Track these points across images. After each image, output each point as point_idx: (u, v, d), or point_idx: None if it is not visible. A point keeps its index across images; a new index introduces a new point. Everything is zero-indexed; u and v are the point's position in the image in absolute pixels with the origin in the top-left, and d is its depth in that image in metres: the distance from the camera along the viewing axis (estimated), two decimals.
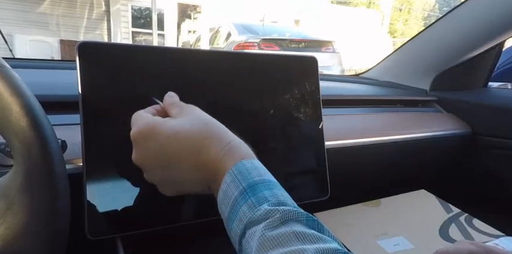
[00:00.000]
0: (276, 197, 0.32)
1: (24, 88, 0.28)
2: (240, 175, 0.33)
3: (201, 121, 0.37)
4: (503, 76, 1.26)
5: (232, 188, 0.32)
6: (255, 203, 0.31)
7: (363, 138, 0.73)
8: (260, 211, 0.30)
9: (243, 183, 0.32)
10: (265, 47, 4.96)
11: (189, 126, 0.36)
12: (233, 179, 0.33)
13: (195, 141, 0.35)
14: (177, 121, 0.37)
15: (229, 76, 0.50)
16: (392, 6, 15.14)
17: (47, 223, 0.27)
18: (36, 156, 0.26)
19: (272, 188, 0.33)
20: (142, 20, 8.76)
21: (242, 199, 0.31)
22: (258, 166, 0.35)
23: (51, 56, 6.97)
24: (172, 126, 0.36)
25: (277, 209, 0.30)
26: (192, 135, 0.36)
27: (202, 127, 0.37)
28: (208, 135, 0.36)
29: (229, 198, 0.32)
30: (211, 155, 0.35)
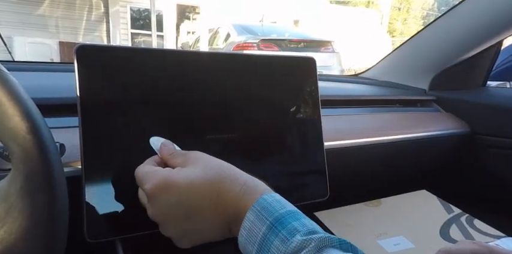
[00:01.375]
0: (305, 226, 0.31)
1: (21, 92, 0.28)
2: (264, 211, 0.32)
3: (213, 167, 0.37)
4: (502, 75, 1.26)
5: (258, 225, 0.32)
6: (287, 235, 0.30)
7: (362, 138, 0.73)
8: (294, 243, 0.30)
9: (269, 217, 0.32)
10: (265, 48, 4.96)
11: (202, 173, 0.36)
12: (257, 215, 0.32)
13: (212, 187, 0.35)
14: (190, 170, 0.37)
15: (228, 78, 0.50)
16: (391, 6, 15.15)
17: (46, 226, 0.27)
18: (34, 159, 0.26)
19: (299, 218, 0.32)
20: (142, 21, 8.76)
21: (272, 234, 0.31)
22: (279, 199, 0.34)
23: (51, 57, 6.97)
24: (186, 176, 0.36)
25: (311, 239, 0.30)
26: (207, 181, 0.35)
27: (216, 172, 0.36)
28: (224, 179, 0.36)
29: (255, 236, 0.32)
30: (230, 197, 0.34)
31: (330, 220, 0.72)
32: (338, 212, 0.76)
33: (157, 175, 0.36)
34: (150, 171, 0.37)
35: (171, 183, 0.35)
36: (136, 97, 0.44)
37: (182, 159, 0.39)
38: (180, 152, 0.41)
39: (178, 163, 0.38)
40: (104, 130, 0.42)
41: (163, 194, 0.35)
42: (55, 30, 7.69)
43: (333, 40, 5.49)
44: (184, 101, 0.47)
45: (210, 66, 0.49)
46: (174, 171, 0.37)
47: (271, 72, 0.54)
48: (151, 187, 0.35)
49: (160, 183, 0.35)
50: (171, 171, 0.37)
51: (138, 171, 0.38)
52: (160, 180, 0.35)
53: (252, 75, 0.52)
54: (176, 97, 0.46)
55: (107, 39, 8.27)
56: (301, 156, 0.56)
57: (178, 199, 0.35)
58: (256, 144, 0.52)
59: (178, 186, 0.35)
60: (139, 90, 0.44)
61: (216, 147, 0.49)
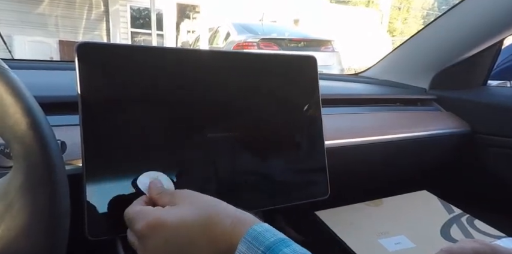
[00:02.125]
0: (296, 252, 0.31)
1: (23, 89, 0.28)
2: (255, 240, 0.32)
3: (203, 204, 0.37)
4: (502, 74, 1.26)
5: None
6: None
7: (362, 137, 0.73)
8: None
9: (260, 247, 0.32)
10: (265, 47, 4.96)
11: (193, 210, 0.36)
12: (248, 246, 0.32)
13: (203, 223, 0.35)
14: (180, 208, 0.37)
15: (229, 76, 0.50)
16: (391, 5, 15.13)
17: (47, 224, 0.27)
18: (35, 157, 0.26)
19: (289, 244, 0.32)
20: (141, 20, 8.75)
21: None
22: (269, 228, 0.34)
23: (50, 56, 6.96)
24: (177, 214, 0.36)
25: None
26: (199, 218, 0.35)
27: (206, 208, 0.36)
28: (214, 215, 0.36)
29: None
30: (221, 232, 0.34)
31: (331, 219, 0.72)
32: (339, 211, 0.76)
33: (149, 215, 0.36)
34: (141, 210, 0.37)
35: (163, 221, 0.35)
36: (137, 95, 0.44)
37: (171, 197, 0.39)
38: (169, 191, 0.41)
39: (167, 202, 0.39)
40: (104, 128, 0.42)
41: (156, 233, 0.35)
42: (55, 28, 7.67)
43: (333, 39, 5.49)
44: (185, 99, 0.47)
45: (210, 65, 0.49)
46: (164, 209, 0.37)
47: (272, 70, 0.54)
48: (143, 227, 0.35)
49: (153, 222, 0.35)
50: (162, 210, 0.37)
51: (128, 211, 0.38)
52: (152, 219, 0.35)
53: (253, 74, 0.52)
54: (177, 95, 0.46)
55: (106, 38, 8.26)
56: (301, 154, 0.56)
57: (171, 237, 0.35)
58: (256, 143, 0.52)
59: (171, 224, 0.35)
60: (140, 88, 0.44)
61: (217, 145, 0.49)
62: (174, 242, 0.35)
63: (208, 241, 0.35)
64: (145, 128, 0.44)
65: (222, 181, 0.49)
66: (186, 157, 0.47)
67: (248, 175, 0.51)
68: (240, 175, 0.50)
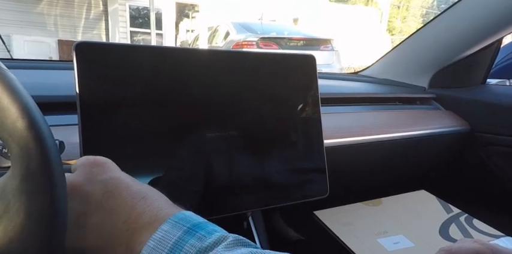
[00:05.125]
0: (224, 231, 0.30)
1: (20, 89, 0.27)
2: (182, 220, 0.31)
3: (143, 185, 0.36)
4: (501, 73, 1.26)
5: (172, 232, 0.30)
6: (205, 234, 0.29)
7: (361, 136, 0.73)
8: (212, 238, 0.29)
9: (186, 224, 0.30)
10: (264, 46, 4.95)
11: (136, 181, 0.35)
12: (173, 225, 0.30)
13: (143, 189, 0.34)
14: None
15: (228, 75, 0.50)
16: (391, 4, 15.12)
17: (45, 225, 0.27)
18: (33, 157, 0.26)
19: (218, 227, 0.31)
20: (141, 20, 8.74)
21: (188, 235, 0.29)
22: (195, 214, 0.33)
23: (49, 56, 6.96)
24: (127, 175, 0.35)
25: (230, 235, 0.29)
26: (141, 185, 0.34)
27: (148, 186, 0.35)
28: (152, 191, 0.34)
29: (167, 241, 0.29)
30: (153, 206, 0.32)
31: (330, 219, 0.72)
32: (337, 211, 0.76)
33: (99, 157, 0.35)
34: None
35: (113, 165, 0.35)
36: (135, 94, 0.44)
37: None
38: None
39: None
40: (103, 127, 0.42)
41: (102, 168, 0.34)
42: (54, 28, 7.67)
43: (332, 38, 5.49)
44: (184, 98, 0.47)
45: (209, 64, 0.49)
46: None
47: (271, 69, 0.54)
48: (97, 158, 0.35)
49: (102, 159, 0.35)
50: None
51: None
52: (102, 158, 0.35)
53: (252, 73, 0.52)
54: (175, 94, 0.46)
55: (105, 37, 8.25)
56: (301, 153, 0.56)
57: (110, 180, 0.33)
58: (256, 142, 0.52)
59: (121, 175, 0.34)
60: (138, 87, 0.44)
61: (216, 144, 0.49)
62: (109, 185, 0.33)
63: (135, 206, 0.32)
64: (144, 127, 0.44)
65: (221, 181, 0.49)
66: (185, 157, 0.47)
67: (247, 175, 0.51)
68: (239, 175, 0.50)
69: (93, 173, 0.34)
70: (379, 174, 0.88)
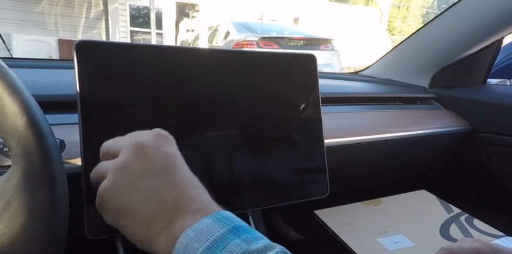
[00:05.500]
0: (267, 239, 0.30)
1: (21, 87, 0.27)
2: (225, 219, 0.31)
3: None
4: (502, 72, 1.26)
5: (215, 227, 0.30)
6: (251, 238, 0.29)
7: (362, 136, 0.73)
8: (259, 244, 0.28)
9: (230, 223, 0.30)
10: (264, 45, 4.95)
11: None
12: (215, 220, 0.30)
13: (187, 173, 0.36)
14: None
15: (228, 75, 0.50)
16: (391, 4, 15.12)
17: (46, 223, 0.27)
18: (33, 155, 0.26)
19: (260, 233, 0.31)
20: (141, 19, 8.74)
21: (233, 235, 0.29)
22: (237, 217, 0.33)
23: (49, 55, 6.96)
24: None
25: (276, 245, 0.29)
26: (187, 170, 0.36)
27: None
28: (197, 181, 0.36)
29: (209, 235, 0.29)
30: (195, 193, 0.33)
31: (330, 218, 0.72)
32: (338, 210, 0.76)
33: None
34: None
35: (175, 143, 0.37)
36: (136, 93, 0.44)
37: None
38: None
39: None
40: (103, 126, 0.42)
41: (169, 142, 0.36)
42: (54, 27, 7.67)
43: (332, 38, 5.49)
44: (184, 98, 0.47)
45: (209, 63, 0.49)
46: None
47: (272, 69, 0.54)
48: (166, 133, 0.37)
49: (170, 135, 0.37)
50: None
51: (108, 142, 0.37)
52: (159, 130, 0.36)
53: (252, 72, 0.52)
54: (175, 93, 0.46)
55: (105, 37, 8.25)
56: (301, 153, 0.56)
57: (171, 154, 0.35)
58: (256, 141, 0.52)
59: (179, 154, 0.36)
60: (139, 86, 0.44)
61: (217, 144, 0.48)
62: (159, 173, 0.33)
63: (181, 187, 0.33)
64: (144, 126, 0.44)
65: (221, 180, 0.49)
66: (185, 156, 0.47)
67: (247, 174, 0.51)
68: (239, 174, 0.50)
69: (160, 142, 0.36)
70: (380, 173, 0.88)
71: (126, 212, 0.32)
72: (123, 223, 0.33)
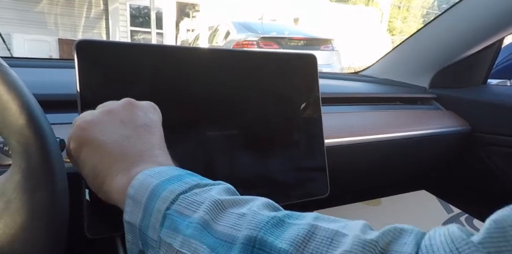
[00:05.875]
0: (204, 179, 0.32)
1: (22, 86, 0.27)
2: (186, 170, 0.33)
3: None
4: (502, 73, 1.26)
5: (173, 170, 0.31)
6: (187, 179, 0.30)
7: (362, 136, 0.73)
8: (195, 183, 0.30)
9: (168, 174, 0.31)
10: (265, 45, 4.95)
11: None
12: (176, 169, 0.32)
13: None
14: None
15: (228, 74, 0.50)
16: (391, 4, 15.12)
17: (46, 222, 0.27)
18: (33, 154, 0.26)
19: (196, 175, 0.33)
20: (141, 19, 8.74)
21: (190, 175, 0.31)
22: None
23: (50, 54, 6.96)
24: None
25: (227, 184, 0.32)
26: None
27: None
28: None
29: (168, 174, 0.31)
30: (160, 154, 0.36)
31: None
32: (338, 210, 0.75)
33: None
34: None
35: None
36: (137, 93, 0.44)
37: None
38: None
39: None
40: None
41: (157, 112, 0.40)
42: (54, 27, 7.67)
43: (332, 38, 5.48)
44: (184, 97, 0.47)
45: (209, 63, 0.49)
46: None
47: (272, 69, 0.54)
48: (147, 103, 0.40)
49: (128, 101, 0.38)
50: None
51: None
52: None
53: (252, 72, 0.52)
54: (176, 93, 0.46)
55: (106, 36, 8.25)
56: (301, 153, 0.56)
57: (155, 119, 0.38)
58: (256, 141, 0.52)
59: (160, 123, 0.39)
60: (139, 85, 0.44)
61: (217, 143, 0.48)
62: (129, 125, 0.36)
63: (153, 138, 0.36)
64: None
65: (221, 179, 0.49)
66: (185, 156, 0.47)
67: (247, 174, 0.51)
68: (240, 174, 0.50)
69: (149, 109, 0.39)
70: (379, 173, 0.88)
71: (95, 143, 0.34)
72: (86, 154, 0.34)
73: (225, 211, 0.27)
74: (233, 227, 0.25)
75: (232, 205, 0.28)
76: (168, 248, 0.26)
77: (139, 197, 0.29)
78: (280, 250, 0.22)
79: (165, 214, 0.27)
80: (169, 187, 0.29)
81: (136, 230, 0.29)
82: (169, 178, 0.30)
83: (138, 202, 0.29)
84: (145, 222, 0.28)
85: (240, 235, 0.24)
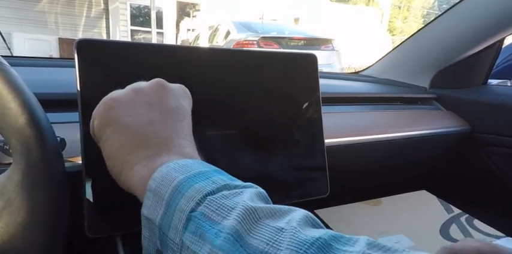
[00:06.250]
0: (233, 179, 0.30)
1: (22, 85, 0.27)
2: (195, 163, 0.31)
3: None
4: (502, 73, 1.26)
5: (200, 165, 0.29)
6: (215, 178, 0.28)
7: (362, 136, 0.73)
8: (241, 182, 0.28)
9: (194, 170, 0.29)
10: (265, 45, 4.95)
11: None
12: (202, 163, 0.30)
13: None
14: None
15: (228, 74, 0.50)
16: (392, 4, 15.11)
17: (46, 221, 0.27)
18: (34, 153, 0.26)
19: (224, 174, 0.30)
20: (141, 18, 8.74)
21: (218, 173, 0.29)
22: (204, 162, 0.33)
23: (50, 54, 6.96)
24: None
25: (257, 186, 0.30)
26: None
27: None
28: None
29: (193, 169, 0.28)
30: (186, 144, 0.34)
31: (330, 218, 0.72)
32: (338, 210, 0.75)
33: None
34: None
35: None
36: None
37: None
38: None
39: None
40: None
41: (188, 96, 0.39)
42: (54, 26, 7.67)
43: (333, 38, 5.48)
44: None
45: (210, 62, 0.49)
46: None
47: (272, 68, 0.54)
48: (182, 87, 0.39)
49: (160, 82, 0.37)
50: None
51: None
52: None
53: (253, 72, 0.52)
54: None
55: (106, 36, 8.25)
56: (301, 152, 0.56)
57: (185, 105, 0.38)
58: (256, 141, 0.52)
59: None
60: None
61: (217, 143, 0.48)
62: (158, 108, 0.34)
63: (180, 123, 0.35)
64: None
65: None
66: None
67: (248, 173, 0.51)
68: (240, 173, 0.50)
69: (181, 95, 0.38)
70: (380, 173, 0.88)
71: (119, 125, 0.32)
72: (109, 135, 0.32)
73: (260, 222, 0.24)
74: (270, 243, 0.22)
75: (267, 216, 0.25)
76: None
77: (161, 193, 0.27)
78: None
79: (189, 215, 0.25)
80: (196, 185, 0.26)
81: (155, 228, 0.27)
82: (195, 174, 0.27)
83: (159, 197, 0.27)
84: (167, 221, 0.26)
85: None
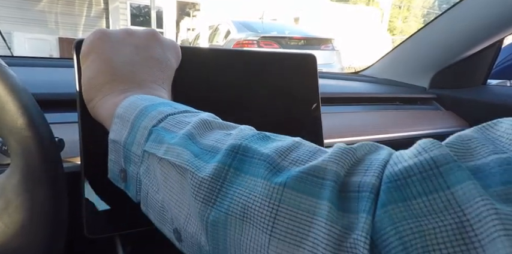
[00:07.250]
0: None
1: (20, 86, 0.27)
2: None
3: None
4: (502, 73, 1.26)
5: (167, 98, 0.32)
6: (177, 106, 0.30)
7: (362, 136, 0.73)
8: (185, 109, 0.30)
9: (160, 100, 0.31)
10: (265, 45, 4.95)
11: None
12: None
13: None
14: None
15: (229, 74, 0.50)
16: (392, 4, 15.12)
17: (44, 222, 0.27)
18: (32, 154, 0.26)
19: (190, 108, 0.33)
20: (141, 18, 8.74)
21: (159, 105, 0.30)
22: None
23: (50, 53, 6.96)
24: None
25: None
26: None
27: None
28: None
29: (161, 100, 0.31)
30: (160, 88, 0.36)
31: None
32: None
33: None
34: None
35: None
36: None
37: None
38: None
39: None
40: (103, 125, 0.42)
41: (168, 50, 0.40)
42: (54, 26, 7.67)
43: (333, 38, 5.48)
44: (184, 96, 0.47)
45: (210, 62, 0.49)
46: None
47: (272, 68, 0.54)
48: (174, 43, 0.41)
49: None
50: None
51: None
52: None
53: (252, 72, 0.52)
54: (176, 92, 0.46)
55: None
56: None
57: (177, 51, 0.41)
58: None
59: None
60: None
61: None
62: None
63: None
64: None
65: None
66: None
67: None
68: None
69: (170, 47, 0.40)
70: None
71: (103, 55, 0.34)
72: (91, 61, 0.34)
73: (212, 130, 0.27)
74: (218, 141, 0.25)
75: (220, 127, 0.28)
76: (151, 159, 0.26)
77: (127, 116, 0.29)
78: (263, 154, 0.23)
79: (151, 130, 0.27)
80: (159, 108, 0.29)
81: (120, 148, 0.29)
82: (160, 102, 0.30)
83: (125, 120, 0.29)
84: (131, 139, 0.28)
85: (225, 146, 0.24)
